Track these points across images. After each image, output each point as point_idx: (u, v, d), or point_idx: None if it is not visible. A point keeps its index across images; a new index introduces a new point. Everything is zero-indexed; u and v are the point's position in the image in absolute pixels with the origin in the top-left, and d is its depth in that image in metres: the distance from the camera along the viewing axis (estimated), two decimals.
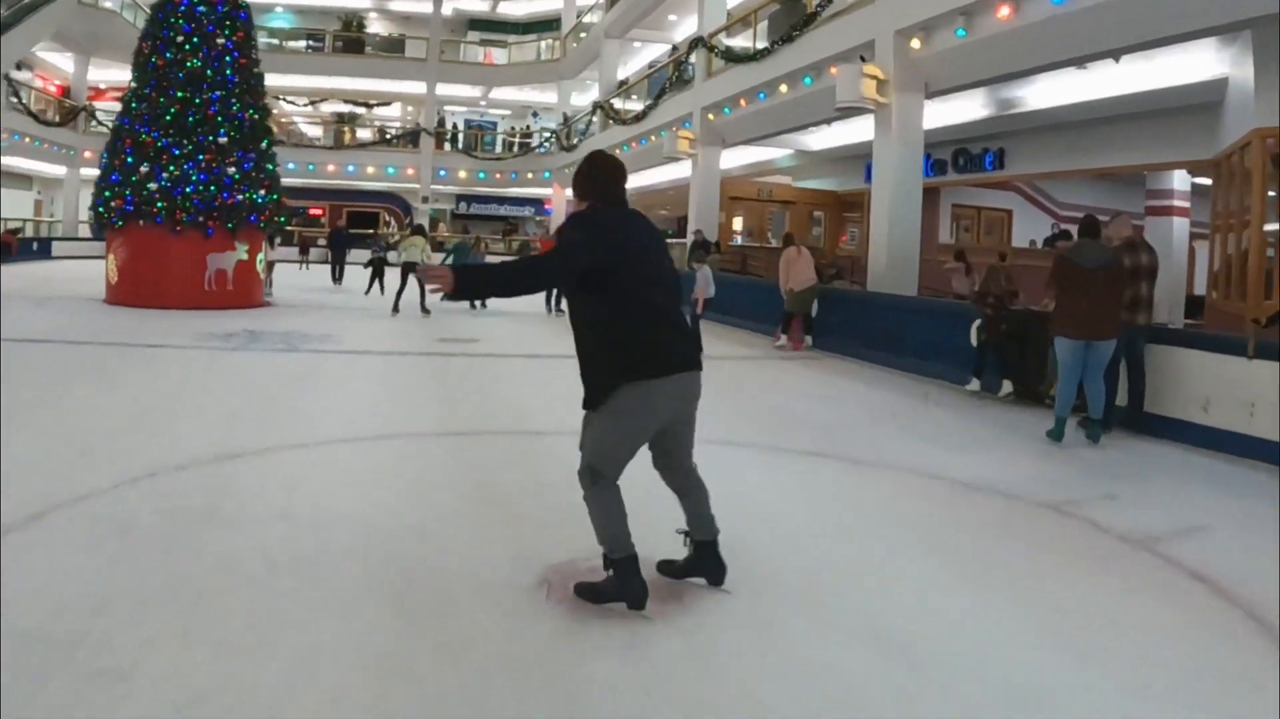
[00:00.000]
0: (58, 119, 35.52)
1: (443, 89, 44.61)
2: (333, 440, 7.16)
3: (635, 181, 35.62)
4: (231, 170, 17.25)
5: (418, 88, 44.23)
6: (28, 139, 32.81)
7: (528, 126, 47.24)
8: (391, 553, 4.68)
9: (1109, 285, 8.18)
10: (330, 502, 5.54)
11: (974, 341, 10.99)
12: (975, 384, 11.02)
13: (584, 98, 43.56)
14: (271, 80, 43.37)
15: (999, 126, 21.44)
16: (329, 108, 47.43)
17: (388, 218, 45.92)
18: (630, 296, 3.84)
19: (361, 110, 48.28)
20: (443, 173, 42.99)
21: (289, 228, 42.56)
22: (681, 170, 29.07)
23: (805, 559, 4.91)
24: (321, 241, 43.61)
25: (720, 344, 15.68)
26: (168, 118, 17.06)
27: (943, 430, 8.88)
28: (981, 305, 11.01)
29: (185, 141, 17.08)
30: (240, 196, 17.30)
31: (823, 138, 25.57)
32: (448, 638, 3.74)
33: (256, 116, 18.23)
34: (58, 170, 37.66)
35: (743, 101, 22.25)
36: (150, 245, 17.08)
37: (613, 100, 33.43)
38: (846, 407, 10.01)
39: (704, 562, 4.34)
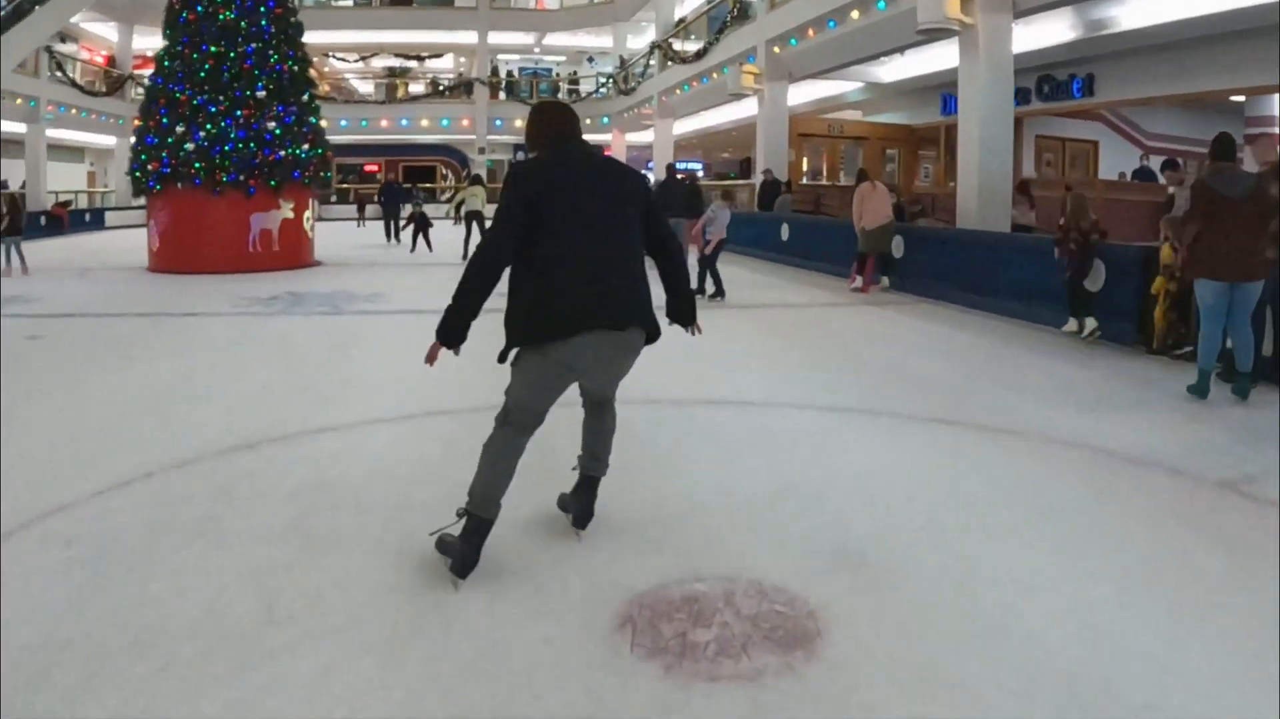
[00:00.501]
0: (104, 89, 34.89)
1: (495, 37, 43.21)
2: (370, 421, 6.15)
3: (695, 123, 34.47)
4: (271, 125, 16.32)
5: (469, 37, 43.00)
6: (74, 111, 32.20)
7: (575, 72, 45.96)
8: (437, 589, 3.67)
9: (1257, 218, 6.89)
10: (360, 501, 4.55)
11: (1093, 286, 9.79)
12: (1072, 325, 9.95)
13: (640, 40, 42.25)
14: (320, 37, 43.80)
15: (1087, 50, 19.74)
16: (379, 63, 46.51)
17: (444, 171, 45.00)
18: (543, 248, 3.59)
19: (413, 64, 47.28)
20: (499, 123, 41.86)
21: (345, 184, 43.00)
22: (744, 109, 27.84)
23: (956, 567, 3.83)
24: (379, 198, 43.35)
25: (796, 288, 14.53)
26: (202, 74, 16.13)
27: (1067, 386, 7.63)
28: (1065, 241, 9.86)
29: (221, 98, 16.16)
30: (282, 152, 16.38)
31: (895, 68, 24.03)
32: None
33: (296, 68, 17.22)
34: (108, 140, 37.19)
35: (811, 32, 20.79)
36: (190, 208, 16.25)
37: (670, 39, 31.99)
38: (954, 359, 8.79)
39: (575, 496, 4.18)
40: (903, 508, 4.56)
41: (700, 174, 44.17)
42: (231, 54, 16.23)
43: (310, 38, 17.74)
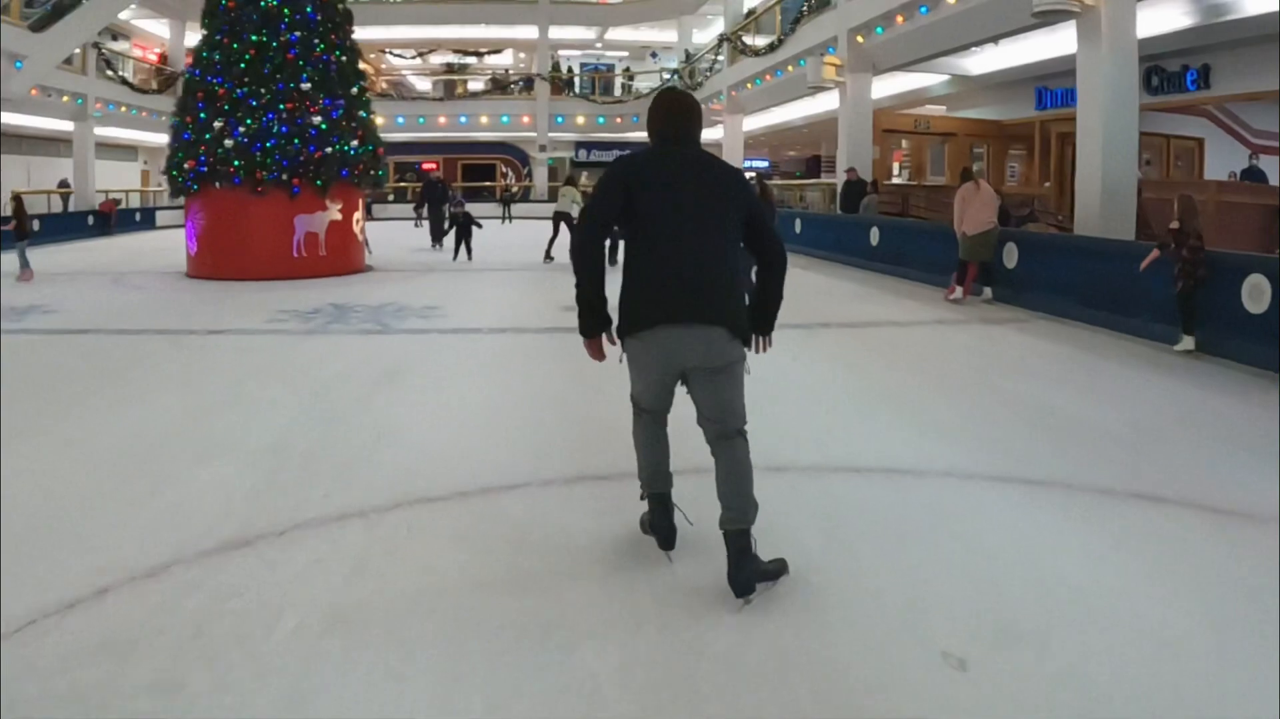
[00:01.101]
0: (156, 87, 34.01)
1: (556, 32, 42.00)
2: (412, 500, 4.65)
3: (764, 120, 32.86)
4: (317, 120, 15.01)
5: (529, 32, 41.77)
6: (123, 108, 31.34)
7: (628, 69, 44.59)
8: None
9: None
10: (393, 660, 3.05)
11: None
12: (1188, 343, 8.92)
13: (705, 34, 40.82)
14: (376, 33, 42.83)
15: (1203, 39, 17.87)
16: (437, 59, 45.44)
17: (504, 169, 43.81)
18: (634, 244, 3.71)
19: (471, 60, 46.14)
20: (560, 119, 40.52)
21: (402, 183, 41.90)
22: (818, 104, 26.39)
23: None
24: (419, 199, 42.06)
25: (896, 301, 12.89)
26: (242, 65, 14.85)
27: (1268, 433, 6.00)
28: (1178, 247, 8.86)
29: (263, 90, 14.88)
30: (329, 149, 15.07)
31: (985, 60, 22.24)
32: None
33: (344, 58, 15.89)
34: (161, 138, 36.31)
35: (899, 19, 19.07)
36: (230, 209, 14.99)
37: (740, 32, 30.37)
38: (1112, 398, 7.18)
39: (729, 562, 3.57)
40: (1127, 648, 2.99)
41: (769, 173, 42.66)
42: (274, 44, 14.93)
43: (366, 33, 16.55)
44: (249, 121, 14.65)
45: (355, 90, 15.99)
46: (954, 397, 7.18)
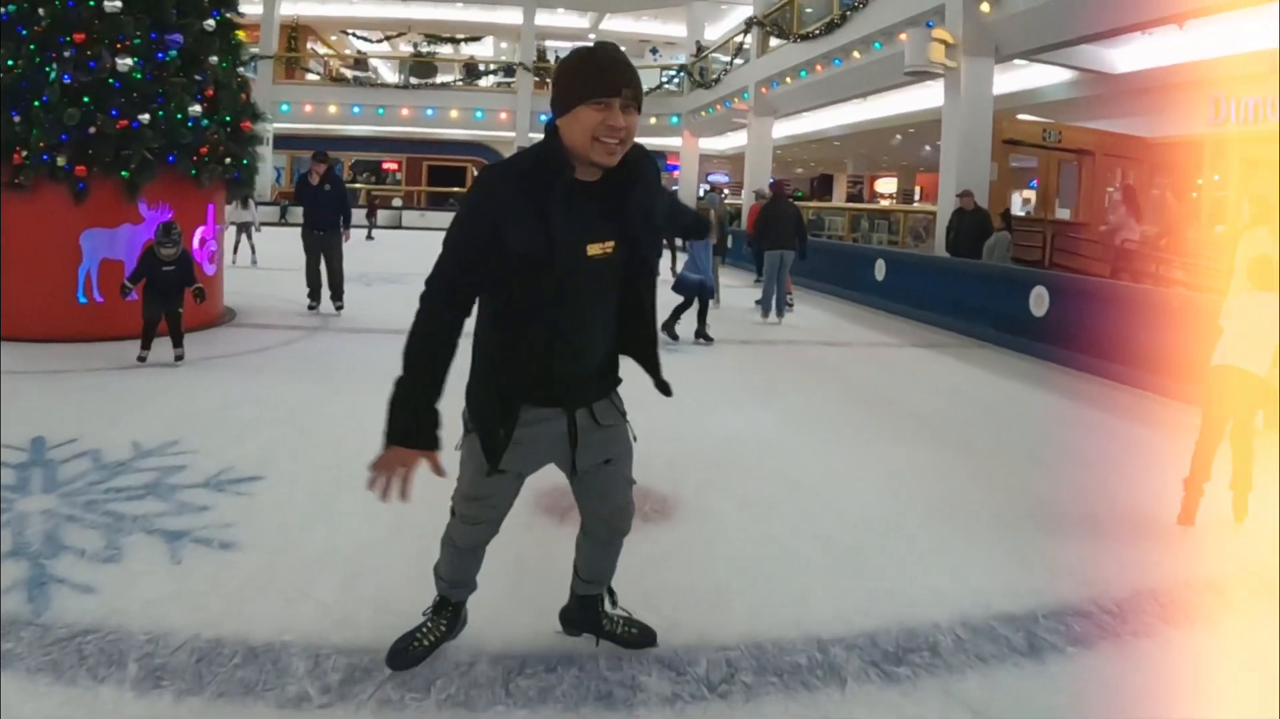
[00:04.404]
0: None
1: (544, 18, 36.34)
2: None
3: (782, 128, 26.75)
4: (126, 64, 8.57)
5: (513, 16, 35.87)
6: None
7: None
8: None
9: None
10: None
11: None
12: None
13: (717, 29, 34.77)
14: (337, 9, 36.43)
15: None
16: (408, 45, 39.24)
17: (475, 172, 37.38)
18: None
19: (446, 48, 39.87)
20: (543, 117, 34.07)
21: (355, 184, 35.36)
22: (864, 110, 21.08)
23: None
24: (397, 203, 35.79)
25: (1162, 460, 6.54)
26: None
27: None
28: None
29: (35, 9, 8.47)
30: (144, 116, 8.64)
31: (1134, 54, 16.07)
32: None
33: None
34: None
35: None
36: None
37: (773, 13, 24.08)
38: None
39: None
40: None
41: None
42: None
43: (325, 9, 10.25)
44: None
45: (215, 21, 9.51)
46: None
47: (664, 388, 2.88)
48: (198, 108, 9.04)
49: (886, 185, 39.77)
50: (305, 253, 11.25)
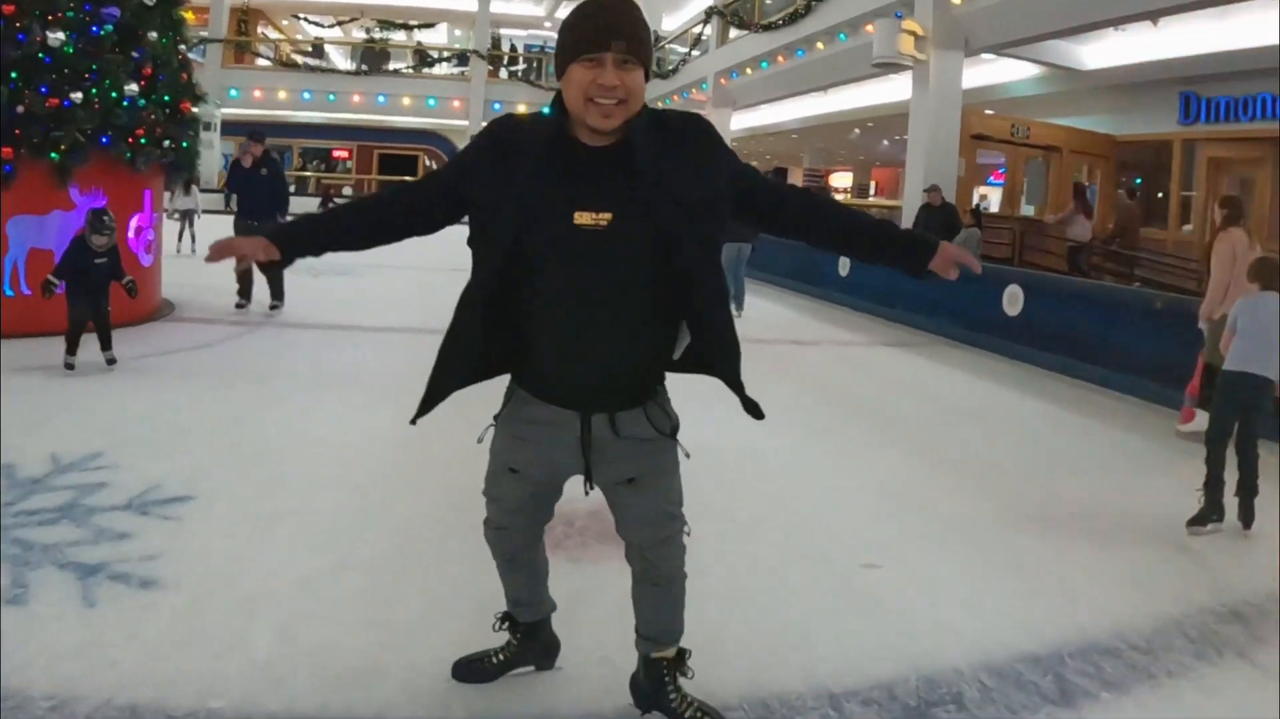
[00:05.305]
0: None
1: (498, 6, 35.98)
2: None
3: (741, 120, 26.47)
4: (59, 38, 8.00)
5: (468, 3, 35.39)
6: None
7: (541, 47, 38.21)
8: None
9: None
10: None
11: None
12: None
13: (675, 20, 34.39)
14: None
15: None
16: (360, 32, 38.39)
17: (428, 161, 36.81)
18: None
19: (400, 34, 39.14)
20: (497, 106, 33.59)
21: (305, 172, 34.75)
22: (824, 103, 20.70)
23: None
24: (348, 192, 35.26)
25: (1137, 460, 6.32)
26: None
27: None
28: None
29: None
30: (77, 95, 8.07)
31: (1105, 50, 15.84)
32: None
33: None
34: None
35: None
36: None
37: (732, 3, 23.71)
38: None
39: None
40: None
41: None
42: None
43: None
44: None
45: None
46: None
47: (751, 408, 2.51)
48: (134, 87, 8.47)
49: (842, 180, 39.49)
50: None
